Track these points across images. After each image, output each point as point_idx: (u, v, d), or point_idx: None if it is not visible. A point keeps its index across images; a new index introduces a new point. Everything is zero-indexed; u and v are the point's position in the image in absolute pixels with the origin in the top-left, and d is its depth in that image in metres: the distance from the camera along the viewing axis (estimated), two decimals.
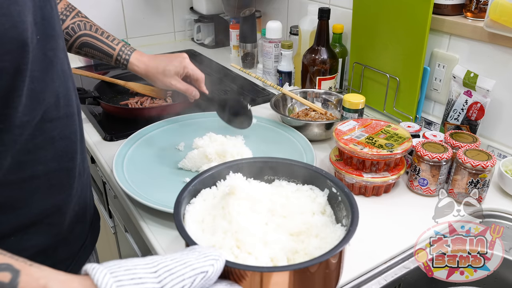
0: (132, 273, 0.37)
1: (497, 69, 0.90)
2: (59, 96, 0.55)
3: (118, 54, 0.92)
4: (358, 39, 1.15)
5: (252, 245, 0.51)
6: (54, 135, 0.55)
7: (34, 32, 0.48)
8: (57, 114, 0.55)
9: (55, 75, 0.54)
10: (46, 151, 0.54)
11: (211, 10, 1.68)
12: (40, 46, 0.50)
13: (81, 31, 0.90)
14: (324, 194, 0.60)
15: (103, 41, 0.92)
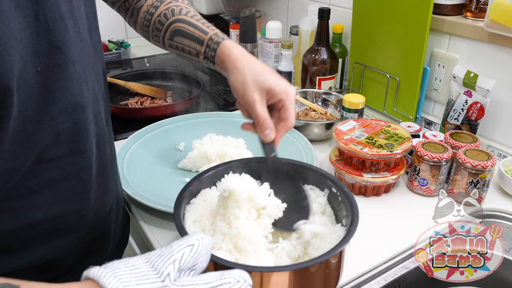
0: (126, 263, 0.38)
1: (497, 69, 0.90)
2: (60, 133, 0.46)
3: (210, 38, 0.66)
4: (358, 39, 1.15)
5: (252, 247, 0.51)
6: (54, 175, 0.47)
7: (29, 65, 0.41)
8: (57, 152, 0.47)
9: (57, 111, 0.45)
10: (44, 194, 0.47)
11: (211, 10, 1.68)
12: (41, 79, 0.42)
13: (174, 16, 0.70)
14: (324, 194, 0.60)
15: (196, 26, 0.68)
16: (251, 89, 0.59)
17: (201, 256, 0.40)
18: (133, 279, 0.36)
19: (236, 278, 0.40)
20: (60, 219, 0.50)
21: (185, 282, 0.38)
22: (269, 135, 0.60)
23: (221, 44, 0.65)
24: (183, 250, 0.39)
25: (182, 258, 0.39)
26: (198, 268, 0.41)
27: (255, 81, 0.59)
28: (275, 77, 0.60)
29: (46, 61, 0.42)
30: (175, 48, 0.71)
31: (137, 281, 0.36)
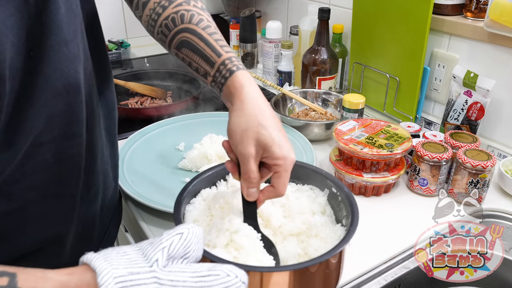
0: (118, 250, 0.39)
1: (497, 69, 0.90)
2: (54, 116, 0.45)
3: (223, 62, 0.57)
4: (358, 39, 1.15)
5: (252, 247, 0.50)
6: (47, 158, 0.47)
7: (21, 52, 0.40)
8: (50, 136, 0.46)
9: (51, 94, 0.44)
10: (38, 176, 0.47)
11: (211, 10, 1.68)
12: (34, 64, 0.41)
13: (183, 24, 0.60)
14: (324, 194, 0.60)
15: (207, 42, 0.59)
16: (250, 141, 0.51)
17: (192, 244, 0.41)
18: (123, 264, 0.37)
19: (226, 272, 0.39)
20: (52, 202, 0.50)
21: (173, 268, 0.38)
22: (254, 194, 0.52)
23: (234, 74, 0.56)
24: (173, 238, 0.40)
25: (171, 245, 0.39)
26: (190, 257, 0.41)
27: (257, 133, 0.51)
28: (279, 135, 0.52)
29: (39, 44, 0.41)
30: (181, 59, 0.63)
31: (126, 265, 0.37)
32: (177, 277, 0.38)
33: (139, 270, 0.37)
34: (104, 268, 0.36)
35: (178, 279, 0.38)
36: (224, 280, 0.39)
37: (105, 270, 0.36)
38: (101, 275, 0.36)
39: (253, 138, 0.51)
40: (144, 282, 0.37)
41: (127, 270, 0.37)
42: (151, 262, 0.38)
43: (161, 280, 0.37)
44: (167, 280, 0.37)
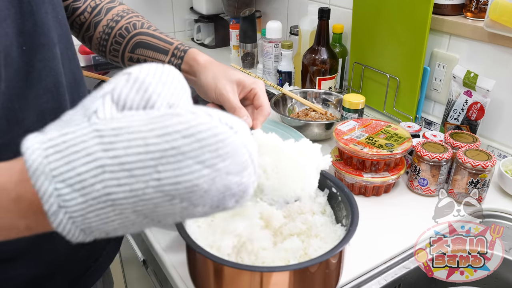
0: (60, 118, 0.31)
1: (497, 69, 0.90)
2: (45, 112, 0.47)
3: (176, 47, 0.68)
4: (358, 39, 1.15)
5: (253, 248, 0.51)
6: None
7: (15, 44, 0.41)
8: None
9: (42, 90, 0.46)
10: None
11: (211, 10, 1.68)
12: (26, 58, 0.43)
13: (136, 30, 0.71)
14: (324, 194, 0.60)
15: (159, 38, 0.70)
16: (223, 82, 0.61)
17: (151, 86, 0.30)
18: (56, 127, 0.29)
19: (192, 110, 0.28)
20: None
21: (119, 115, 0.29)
22: (247, 121, 0.58)
23: (187, 52, 0.67)
24: (117, 80, 0.30)
25: (114, 90, 0.30)
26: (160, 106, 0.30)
27: (225, 75, 0.62)
28: (243, 73, 0.64)
29: (31, 41, 0.43)
30: (136, 61, 0.71)
31: (59, 128, 0.29)
32: (121, 123, 0.28)
33: (75, 128, 0.28)
34: (30, 136, 0.29)
35: (122, 126, 0.28)
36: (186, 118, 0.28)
37: (30, 137, 0.28)
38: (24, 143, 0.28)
39: (226, 80, 0.61)
40: (82, 139, 0.28)
41: (60, 132, 0.28)
42: (88, 116, 0.29)
43: (102, 132, 0.28)
44: (108, 129, 0.28)
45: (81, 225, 0.28)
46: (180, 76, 0.32)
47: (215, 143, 0.28)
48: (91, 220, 0.28)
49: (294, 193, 0.48)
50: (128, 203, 0.28)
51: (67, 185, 0.27)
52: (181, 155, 0.27)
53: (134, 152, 0.27)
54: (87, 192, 0.27)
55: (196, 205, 0.29)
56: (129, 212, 0.28)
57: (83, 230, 0.29)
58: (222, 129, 0.28)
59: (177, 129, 0.27)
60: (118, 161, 0.27)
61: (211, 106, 0.62)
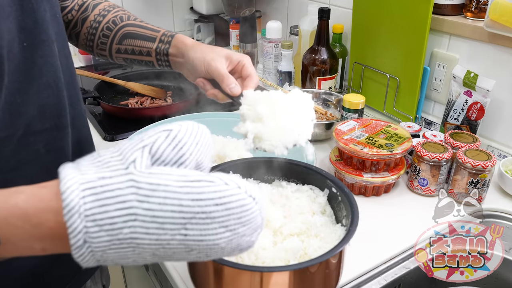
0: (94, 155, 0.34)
1: (497, 69, 0.90)
2: (45, 108, 0.49)
3: (163, 34, 0.73)
4: (358, 39, 1.15)
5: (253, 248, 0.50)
6: (39, 148, 0.50)
7: (17, 39, 0.43)
8: (42, 126, 0.49)
9: (43, 85, 0.48)
10: (31, 166, 0.49)
11: (211, 10, 1.68)
12: (27, 54, 0.45)
13: (123, 22, 0.75)
14: (324, 194, 0.60)
15: (146, 27, 0.74)
16: (211, 55, 0.65)
17: (186, 146, 0.33)
18: (94, 168, 0.31)
19: (224, 181, 0.31)
20: None
21: (156, 171, 0.31)
22: (236, 88, 0.62)
23: (175, 36, 0.72)
24: (158, 135, 0.33)
25: (154, 144, 0.32)
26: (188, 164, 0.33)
27: (213, 51, 0.66)
28: (228, 50, 0.68)
29: (31, 37, 0.45)
30: (123, 52, 0.74)
31: (97, 169, 0.31)
32: (159, 180, 0.31)
33: (112, 174, 0.31)
34: (69, 173, 0.31)
35: (159, 183, 0.30)
36: (220, 188, 0.31)
37: (70, 175, 0.31)
38: (63, 181, 0.30)
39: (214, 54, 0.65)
40: (118, 186, 0.30)
41: (97, 175, 0.31)
42: (127, 164, 0.31)
43: (139, 184, 0.30)
44: (145, 183, 0.30)
45: (98, 257, 0.31)
46: (209, 136, 0.35)
47: (240, 212, 0.31)
48: (109, 255, 0.31)
49: (292, 137, 0.52)
50: (150, 248, 0.31)
51: (97, 224, 0.30)
52: (210, 219, 0.31)
53: (168, 209, 0.30)
54: (115, 234, 0.30)
55: (209, 256, 0.33)
56: (148, 254, 0.32)
57: (98, 260, 0.31)
58: (248, 200, 0.31)
59: (211, 197, 0.31)
60: (152, 213, 0.30)
61: (201, 82, 0.67)
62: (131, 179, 0.31)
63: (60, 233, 0.31)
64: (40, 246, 0.32)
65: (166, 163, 0.33)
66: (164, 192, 0.30)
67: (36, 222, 0.31)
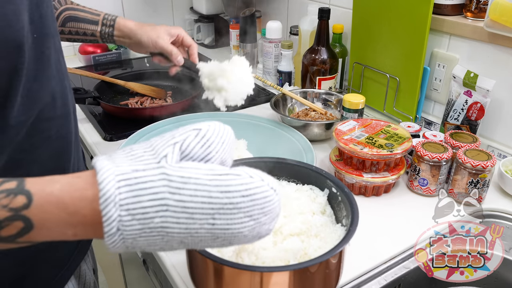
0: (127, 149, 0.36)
1: (497, 69, 0.90)
2: (56, 96, 0.54)
3: (104, 17, 0.87)
4: (358, 39, 1.15)
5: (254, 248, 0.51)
6: (51, 134, 0.54)
7: (30, 31, 0.47)
8: (54, 113, 0.54)
9: (51, 74, 0.53)
10: (42, 150, 0.53)
11: (211, 10, 1.68)
12: (37, 45, 0.49)
13: (63, 6, 0.85)
14: (324, 194, 0.60)
15: (86, 11, 0.87)
16: (155, 35, 0.85)
17: (213, 144, 0.36)
18: (128, 161, 0.34)
19: (249, 174, 0.34)
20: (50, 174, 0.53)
21: (185, 165, 0.34)
22: (180, 60, 0.85)
23: (116, 20, 0.87)
24: (188, 133, 0.36)
25: (184, 141, 0.35)
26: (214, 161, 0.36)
27: (155, 31, 0.85)
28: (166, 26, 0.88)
29: (39, 30, 0.49)
30: (67, 34, 0.86)
31: (131, 162, 0.34)
32: (189, 173, 0.33)
33: (145, 166, 0.33)
34: (105, 165, 0.33)
35: (190, 176, 0.33)
36: (246, 181, 0.34)
37: (106, 167, 0.33)
38: (100, 172, 0.33)
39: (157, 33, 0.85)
40: (151, 179, 0.33)
41: (131, 168, 0.33)
42: (158, 158, 0.34)
43: (170, 177, 0.33)
44: (177, 176, 0.33)
45: (128, 244, 0.33)
46: (233, 136, 0.38)
47: (263, 203, 0.34)
48: (138, 242, 0.33)
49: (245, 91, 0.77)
50: (179, 236, 0.33)
51: (130, 214, 0.32)
52: (237, 209, 0.33)
53: (199, 200, 0.33)
54: (146, 223, 0.32)
55: (231, 243, 0.35)
56: (175, 242, 0.34)
57: (127, 247, 0.34)
58: (270, 192, 0.34)
59: (238, 189, 0.33)
60: (182, 204, 0.33)
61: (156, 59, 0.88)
62: (163, 172, 0.33)
63: (94, 220, 0.33)
64: (72, 232, 0.34)
65: (194, 159, 0.35)
66: (194, 184, 0.33)
67: (72, 210, 0.33)
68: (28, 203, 0.33)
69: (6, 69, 0.44)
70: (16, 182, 0.34)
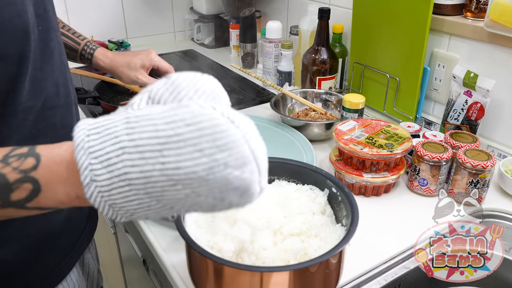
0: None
1: (497, 69, 0.90)
2: (59, 85, 0.57)
3: (83, 48, 0.90)
4: (358, 39, 1.15)
5: (254, 249, 0.51)
6: (56, 122, 0.56)
7: (35, 23, 0.49)
8: (58, 102, 0.56)
9: (55, 65, 0.56)
10: (48, 138, 0.55)
11: (211, 10, 1.68)
12: (42, 36, 0.51)
13: None
14: (324, 194, 0.60)
15: (68, 36, 0.90)
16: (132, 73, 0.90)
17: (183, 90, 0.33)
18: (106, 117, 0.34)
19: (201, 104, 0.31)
20: None
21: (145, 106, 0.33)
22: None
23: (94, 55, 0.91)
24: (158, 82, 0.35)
25: (152, 91, 0.34)
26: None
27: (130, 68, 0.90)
28: (137, 55, 0.91)
29: (43, 23, 0.52)
30: None
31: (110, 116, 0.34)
32: (144, 111, 0.32)
33: (115, 116, 0.33)
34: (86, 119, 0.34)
35: (143, 113, 0.32)
36: (192, 109, 0.31)
37: (85, 120, 0.34)
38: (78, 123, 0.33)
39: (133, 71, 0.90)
40: (115, 124, 0.32)
41: (104, 118, 0.33)
42: (128, 107, 0.34)
43: (129, 118, 0.32)
44: (133, 116, 0.32)
45: (108, 201, 0.32)
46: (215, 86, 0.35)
47: (213, 133, 0.29)
48: (115, 197, 0.31)
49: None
50: (140, 183, 0.31)
51: (99, 161, 0.31)
52: (183, 142, 0.30)
53: (146, 136, 0.30)
54: (111, 170, 0.31)
55: (198, 194, 0.31)
56: (142, 194, 0.31)
57: (111, 206, 0.32)
58: (222, 121, 0.30)
59: (183, 117, 0.30)
60: (134, 143, 0.31)
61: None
62: (125, 116, 0.32)
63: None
64: (74, 192, 0.34)
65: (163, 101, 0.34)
66: (144, 121, 0.31)
67: (71, 168, 0.33)
68: (37, 164, 0.34)
69: (15, 56, 0.47)
70: (28, 147, 0.35)
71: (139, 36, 1.70)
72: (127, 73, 0.89)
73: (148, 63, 0.90)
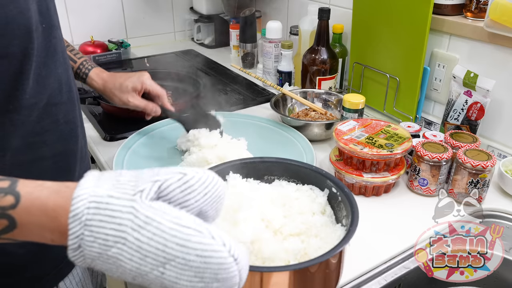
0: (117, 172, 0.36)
1: (497, 69, 0.90)
2: (62, 82, 0.58)
3: (79, 67, 0.89)
4: (358, 39, 1.15)
5: (254, 249, 0.50)
6: (59, 118, 0.58)
7: (38, 21, 0.51)
8: (61, 99, 0.58)
9: (58, 62, 0.57)
10: (52, 133, 0.57)
11: (211, 10, 1.68)
12: (45, 34, 0.53)
13: None
14: (324, 194, 0.60)
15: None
16: (124, 96, 0.88)
17: (194, 192, 0.35)
18: (109, 185, 0.34)
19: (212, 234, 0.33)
20: (60, 157, 0.60)
21: (156, 205, 0.33)
22: (156, 110, 0.91)
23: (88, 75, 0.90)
24: (172, 174, 0.35)
25: (165, 182, 0.34)
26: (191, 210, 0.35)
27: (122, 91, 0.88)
28: (130, 77, 0.89)
29: (46, 21, 0.53)
30: None
31: (110, 187, 0.34)
32: (155, 215, 0.33)
33: (120, 195, 0.33)
34: (86, 182, 0.34)
35: (154, 218, 0.32)
36: (206, 241, 0.32)
37: (85, 185, 0.34)
38: (78, 188, 0.34)
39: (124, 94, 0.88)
40: (120, 209, 0.33)
41: (108, 192, 0.33)
42: (135, 191, 0.34)
43: (137, 213, 0.33)
44: (143, 214, 0.33)
45: (89, 262, 0.34)
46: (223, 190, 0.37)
47: (217, 269, 0.32)
48: (97, 264, 0.34)
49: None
50: (131, 272, 0.33)
51: (92, 236, 0.33)
52: (188, 266, 0.32)
53: (153, 246, 0.32)
54: (104, 250, 0.33)
55: None
56: (128, 276, 0.34)
57: (89, 264, 0.34)
58: (228, 260, 0.33)
59: (195, 247, 0.32)
60: (138, 244, 0.33)
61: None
62: (133, 206, 0.33)
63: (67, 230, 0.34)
64: (50, 236, 0.35)
65: (170, 202, 0.34)
66: (155, 228, 0.32)
67: (52, 215, 0.34)
68: (15, 204, 0.34)
69: (19, 54, 0.48)
70: (9, 182, 0.35)
71: (139, 36, 1.70)
72: (119, 96, 0.88)
73: (140, 86, 0.89)
